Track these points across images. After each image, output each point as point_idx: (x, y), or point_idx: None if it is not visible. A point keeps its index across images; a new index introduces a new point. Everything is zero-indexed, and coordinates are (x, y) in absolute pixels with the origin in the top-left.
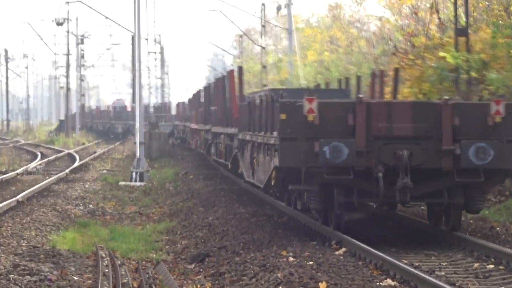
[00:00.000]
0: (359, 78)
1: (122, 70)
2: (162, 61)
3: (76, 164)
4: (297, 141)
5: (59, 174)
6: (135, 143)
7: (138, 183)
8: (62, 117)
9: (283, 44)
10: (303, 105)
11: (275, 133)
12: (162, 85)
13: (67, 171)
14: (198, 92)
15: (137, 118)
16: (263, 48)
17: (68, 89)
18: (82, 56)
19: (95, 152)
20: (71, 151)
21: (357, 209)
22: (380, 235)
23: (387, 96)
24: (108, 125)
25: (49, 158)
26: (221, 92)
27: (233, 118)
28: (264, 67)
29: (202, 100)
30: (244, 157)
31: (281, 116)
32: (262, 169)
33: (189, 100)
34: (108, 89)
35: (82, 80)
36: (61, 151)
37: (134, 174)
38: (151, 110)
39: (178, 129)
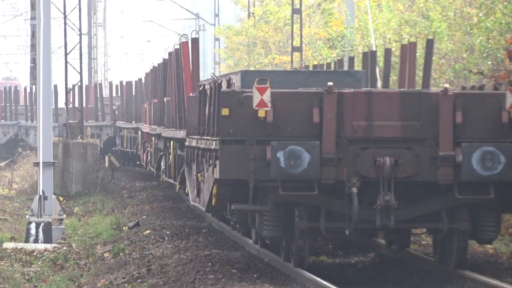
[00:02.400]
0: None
1: (13, 19)
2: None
3: None
4: (244, 145)
5: None
6: (36, 164)
7: (41, 246)
8: None
9: None
10: (253, 95)
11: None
12: (90, 48)
13: None
14: (159, 66)
15: (40, 113)
16: None
17: None
18: None
19: None
20: None
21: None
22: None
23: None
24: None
25: None
26: (175, 75)
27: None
28: (297, 10)
29: (149, 88)
30: (191, 172)
31: (222, 111)
32: (206, 186)
33: (145, 79)
34: None
35: None
36: None
37: (33, 227)
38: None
39: (123, 136)
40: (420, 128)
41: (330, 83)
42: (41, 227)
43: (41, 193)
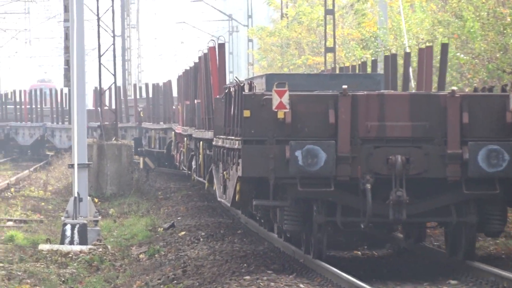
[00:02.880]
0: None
1: (47, 21)
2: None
3: None
4: (264, 145)
5: None
6: (70, 166)
7: (77, 247)
8: None
9: None
10: (272, 98)
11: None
12: (124, 50)
13: None
14: (190, 69)
15: (74, 115)
16: None
17: None
18: None
19: None
20: None
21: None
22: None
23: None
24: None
25: None
26: (204, 78)
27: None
28: (330, 11)
29: (182, 90)
30: (218, 170)
31: (244, 112)
32: (231, 183)
33: (178, 81)
34: (21, 60)
35: None
36: None
37: (69, 229)
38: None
39: (151, 137)
40: (429, 128)
41: (344, 86)
42: (76, 229)
43: (76, 195)
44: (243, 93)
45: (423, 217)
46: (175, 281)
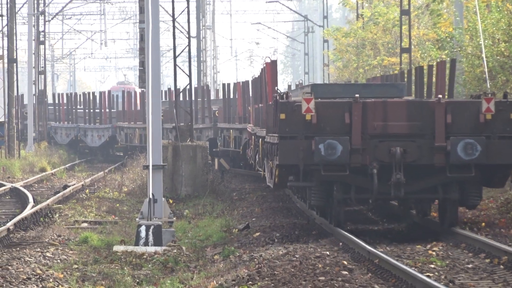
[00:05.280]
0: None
1: (121, 22)
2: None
3: (28, 211)
4: (296, 140)
5: None
6: (145, 167)
7: (151, 248)
8: None
9: None
10: (301, 104)
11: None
12: (199, 51)
13: (9, 225)
14: (258, 77)
15: (149, 116)
16: None
17: (13, 60)
18: None
19: (65, 187)
20: (18, 184)
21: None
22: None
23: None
24: (100, 132)
25: None
26: (265, 87)
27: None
28: (405, 11)
29: (251, 94)
30: (267, 161)
31: (280, 115)
32: (273, 170)
33: (253, 82)
34: (96, 61)
35: (41, 42)
36: None
37: (143, 230)
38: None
39: (226, 138)
40: (421, 126)
41: (356, 95)
42: (151, 230)
43: (151, 196)
44: (280, 101)
45: (417, 194)
46: (249, 282)
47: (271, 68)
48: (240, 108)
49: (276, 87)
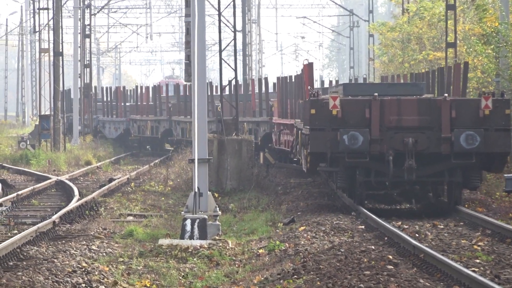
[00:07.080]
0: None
1: (167, 16)
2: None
3: (74, 204)
4: (324, 131)
5: (39, 225)
6: (191, 161)
7: (196, 242)
8: (44, 112)
9: None
10: (329, 101)
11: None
12: (244, 45)
13: (54, 218)
14: (300, 74)
15: (195, 110)
16: None
17: (59, 53)
18: None
19: (110, 180)
20: (63, 177)
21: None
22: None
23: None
24: (144, 125)
25: (20, 191)
26: (304, 85)
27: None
28: (451, 6)
29: (296, 89)
30: (303, 150)
31: (311, 111)
32: (306, 157)
33: (295, 80)
34: (141, 55)
35: (87, 35)
36: (43, 178)
37: (188, 223)
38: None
39: (277, 132)
40: (430, 120)
41: (375, 94)
42: (196, 224)
43: (196, 190)
44: (310, 98)
45: (426, 178)
46: (294, 276)
47: (308, 70)
48: (291, 103)
49: (309, 87)
